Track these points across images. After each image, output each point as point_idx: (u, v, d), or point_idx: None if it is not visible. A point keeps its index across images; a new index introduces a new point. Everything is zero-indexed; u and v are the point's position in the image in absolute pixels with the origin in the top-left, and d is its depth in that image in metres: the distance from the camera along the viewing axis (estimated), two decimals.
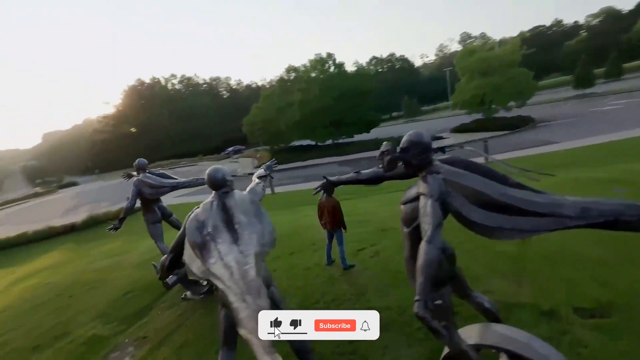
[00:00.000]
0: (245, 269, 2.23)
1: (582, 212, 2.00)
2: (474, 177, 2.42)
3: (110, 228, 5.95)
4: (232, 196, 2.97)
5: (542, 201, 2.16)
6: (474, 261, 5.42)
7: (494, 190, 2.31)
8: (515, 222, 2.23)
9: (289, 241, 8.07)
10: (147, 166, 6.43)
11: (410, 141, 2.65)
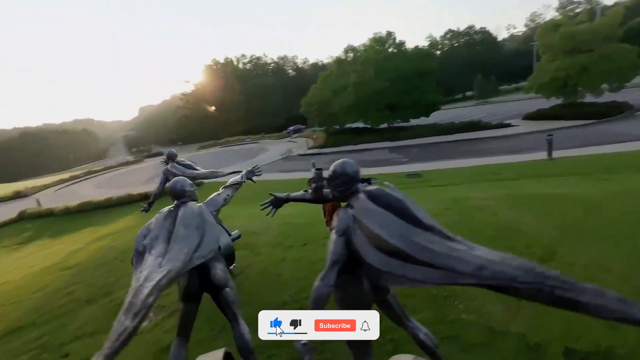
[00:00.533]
0: (142, 286, 2.24)
1: (476, 270, 1.74)
2: (382, 216, 2.28)
3: (141, 209, 6.93)
4: (185, 207, 3.23)
5: (440, 251, 1.95)
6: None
7: (393, 232, 2.16)
8: (407, 269, 2.09)
9: (305, 231, 8.42)
10: (176, 156, 7.21)
11: (334, 171, 2.65)
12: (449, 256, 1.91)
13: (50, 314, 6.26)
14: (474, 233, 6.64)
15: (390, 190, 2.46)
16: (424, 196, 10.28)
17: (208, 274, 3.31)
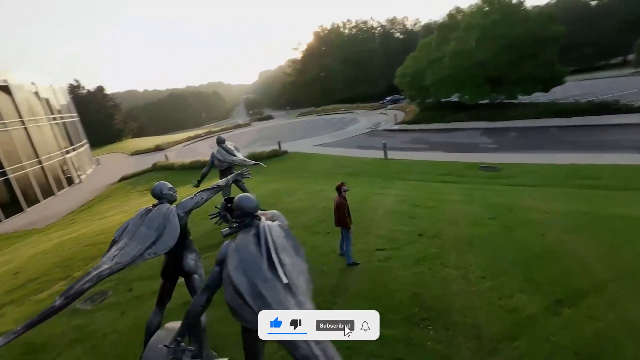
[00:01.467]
0: (88, 273, 3.01)
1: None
2: (245, 256, 2.57)
3: (193, 184, 8.39)
4: (157, 208, 3.88)
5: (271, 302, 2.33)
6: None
7: (242, 274, 2.48)
8: (244, 309, 2.41)
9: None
10: (224, 142, 8.36)
11: (234, 203, 3.02)
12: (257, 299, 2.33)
13: None
14: (498, 254, 6.06)
15: (271, 229, 2.76)
16: (476, 198, 9.36)
17: (181, 261, 4.04)
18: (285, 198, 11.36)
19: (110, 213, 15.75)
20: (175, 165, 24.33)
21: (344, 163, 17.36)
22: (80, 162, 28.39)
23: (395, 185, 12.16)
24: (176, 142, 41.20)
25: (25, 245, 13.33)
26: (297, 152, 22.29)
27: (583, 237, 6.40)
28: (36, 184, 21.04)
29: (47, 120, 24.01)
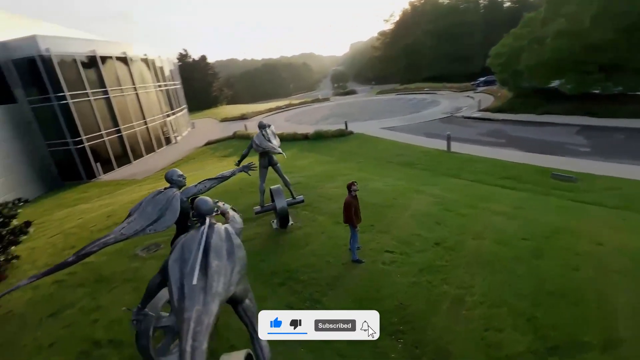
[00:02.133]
0: (97, 239, 3.76)
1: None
2: (183, 250, 3.13)
3: (235, 164, 9.25)
4: (166, 191, 4.55)
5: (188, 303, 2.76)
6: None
7: (177, 271, 3.00)
8: (169, 292, 2.96)
9: (370, 212, 8.72)
10: (265, 127, 8.94)
11: (194, 204, 3.61)
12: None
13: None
14: (510, 282, 5.58)
15: (213, 232, 3.24)
16: (523, 212, 8.36)
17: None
18: (327, 183, 11.70)
19: (189, 174, 18.25)
20: (250, 135, 26.45)
21: (402, 151, 16.74)
22: (178, 124, 32.93)
23: (441, 182, 11.46)
24: (259, 112, 44.25)
25: (124, 192, 16.53)
26: (362, 134, 22.11)
27: (629, 283, 5.38)
28: (141, 141, 25.38)
29: (154, 87, 28.26)
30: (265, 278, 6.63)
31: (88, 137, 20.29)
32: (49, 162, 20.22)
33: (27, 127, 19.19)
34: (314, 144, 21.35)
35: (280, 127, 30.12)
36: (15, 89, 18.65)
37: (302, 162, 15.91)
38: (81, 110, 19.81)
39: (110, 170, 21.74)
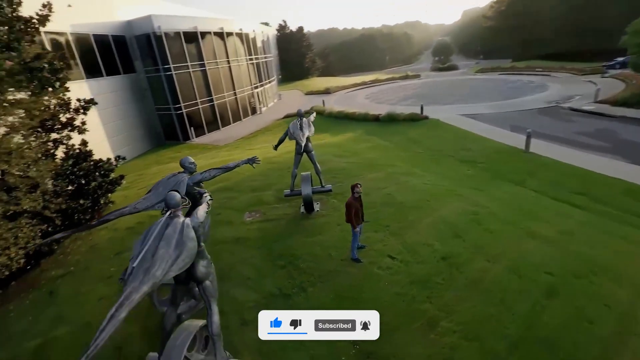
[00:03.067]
0: (126, 208, 5.24)
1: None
2: (147, 233, 3.82)
3: (273, 147, 9.87)
4: (177, 175, 5.52)
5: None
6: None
7: (137, 243, 3.77)
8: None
9: (393, 211, 8.63)
10: (301, 117, 9.29)
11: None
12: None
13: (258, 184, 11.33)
14: (501, 318, 5.20)
15: (168, 224, 3.92)
16: (570, 239, 7.14)
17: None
18: (369, 172, 11.63)
19: (257, 146, 19.94)
20: (325, 112, 27.01)
21: (470, 145, 15.18)
22: (265, 96, 35.40)
23: (493, 189, 10.28)
24: (343, 87, 44.21)
25: (204, 157, 19.08)
26: (436, 121, 20.58)
27: None
28: (230, 110, 28.31)
29: (246, 60, 30.68)
30: (271, 258, 7.33)
31: (186, 104, 23.63)
32: (157, 124, 24.39)
33: (142, 93, 23.33)
34: (382, 127, 20.80)
35: (358, 105, 29.87)
36: (135, 61, 22.67)
37: (358, 147, 15.87)
38: (181, 81, 23.04)
39: (201, 134, 25.10)
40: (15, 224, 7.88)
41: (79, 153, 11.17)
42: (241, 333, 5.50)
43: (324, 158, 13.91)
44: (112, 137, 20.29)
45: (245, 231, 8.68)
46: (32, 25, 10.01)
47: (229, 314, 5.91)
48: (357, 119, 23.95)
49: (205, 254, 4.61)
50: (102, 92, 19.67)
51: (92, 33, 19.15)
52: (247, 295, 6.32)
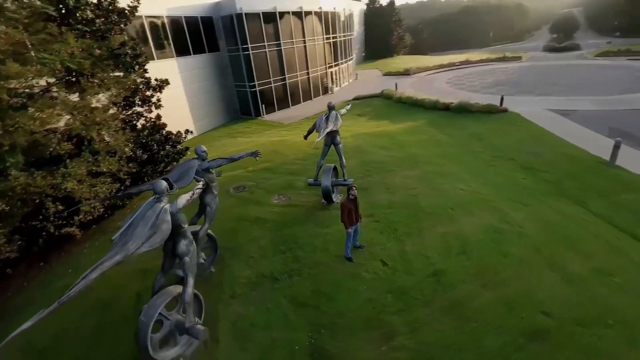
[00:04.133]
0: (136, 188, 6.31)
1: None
2: (136, 213, 4.71)
3: (304, 136, 10.18)
4: (191, 161, 6.35)
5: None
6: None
7: (128, 218, 4.63)
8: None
9: (409, 214, 8.45)
10: (331, 109, 9.37)
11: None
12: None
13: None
14: None
15: (150, 207, 4.74)
16: (598, 291, 5.96)
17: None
18: (405, 169, 11.26)
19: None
20: (394, 96, 25.93)
21: (542, 149, 13.18)
22: (339, 75, 35.35)
23: (543, 205, 9.00)
24: (426, 68, 41.23)
25: (266, 134, 20.49)
26: (515, 115, 18.24)
27: None
28: (301, 90, 29.25)
29: (323, 40, 30.85)
30: (277, 242, 7.95)
31: (260, 82, 25.25)
32: (235, 99, 26.73)
33: (224, 70, 25.66)
34: (449, 118, 19.29)
35: (434, 90, 27.82)
36: (219, 40, 24.88)
37: (410, 139, 15.19)
38: (257, 60, 24.56)
39: (271, 111, 26.69)
40: (97, 180, 10.00)
41: (154, 125, 13.26)
42: (227, 305, 6.30)
43: (366, 148, 13.79)
44: (195, 110, 23.09)
45: (267, 213, 9.44)
46: (124, 15, 11.97)
47: (225, 286, 6.78)
48: (426, 106, 22.52)
49: (187, 234, 5.33)
50: (188, 69, 22.34)
51: (183, 15, 21.61)
52: (244, 272, 7.08)
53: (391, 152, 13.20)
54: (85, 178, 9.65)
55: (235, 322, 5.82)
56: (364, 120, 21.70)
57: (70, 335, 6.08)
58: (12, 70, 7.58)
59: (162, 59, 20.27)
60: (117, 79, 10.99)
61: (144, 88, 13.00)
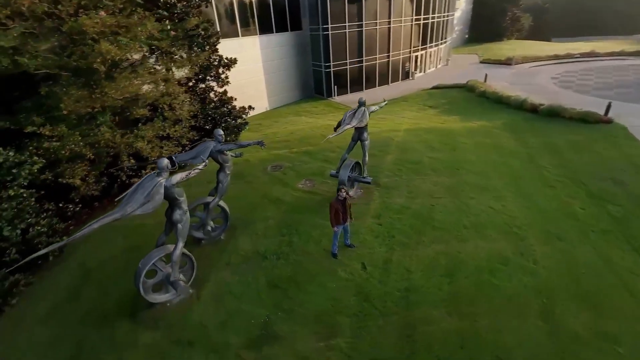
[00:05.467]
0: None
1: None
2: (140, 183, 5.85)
3: (334, 128, 10.31)
4: (208, 141, 7.37)
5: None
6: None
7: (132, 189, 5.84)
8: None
9: (416, 225, 8.33)
10: (360, 105, 9.32)
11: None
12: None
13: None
14: None
15: (150, 180, 5.81)
16: None
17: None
18: (433, 174, 10.59)
19: (369, 122, 19.96)
20: (478, 89, 23.43)
21: (630, 177, 10.78)
22: (425, 60, 33.00)
23: (585, 248, 7.66)
24: (535, 58, 35.47)
25: (326, 117, 20.89)
26: (621, 128, 15.09)
27: None
28: (378, 73, 28.45)
29: (411, 21, 29.01)
30: (282, 225, 8.65)
31: (335, 63, 25.39)
32: (310, 78, 27.50)
33: (304, 49, 26.42)
34: (531, 122, 16.91)
35: (532, 87, 24.19)
36: (303, 19, 25.51)
37: (468, 141, 13.94)
38: (336, 40, 24.59)
39: (343, 93, 26.79)
40: (163, 143, 11.97)
41: (220, 99, 14.89)
42: (219, 270, 7.30)
43: (412, 146, 13.22)
44: (270, 86, 24.65)
45: (288, 195, 10.15)
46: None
47: (225, 253, 7.79)
48: (511, 105, 19.95)
49: (182, 206, 6.34)
50: (270, 47, 23.74)
51: None
52: (245, 245, 7.99)
53: (437, 153, 12.45)
54: (154, 140, 11.67)
55: (218, 286, 6.79)
56: (432, 114, 20.39)
57: (109, 264, 7.86)
58: (104, 48, 9.43)
59: (246, 36, 21.95)
60: (189, 57, 12.63)
61: (217, 65, 14.61)
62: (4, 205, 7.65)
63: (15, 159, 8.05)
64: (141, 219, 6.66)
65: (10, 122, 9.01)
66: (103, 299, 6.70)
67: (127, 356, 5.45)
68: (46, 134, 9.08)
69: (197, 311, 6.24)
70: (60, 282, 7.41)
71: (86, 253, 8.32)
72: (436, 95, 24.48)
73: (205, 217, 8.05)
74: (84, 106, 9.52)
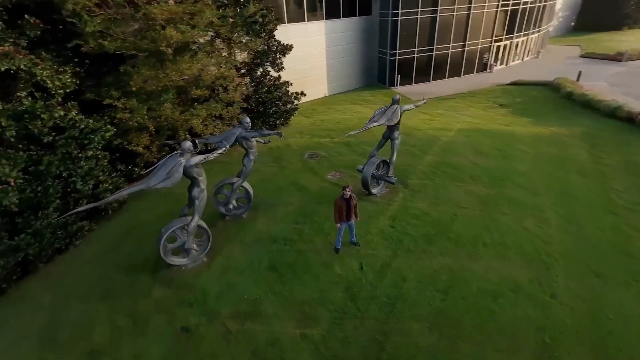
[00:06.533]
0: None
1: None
2: (162, 161, 6.68)
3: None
4: (234, 128, 7.96)
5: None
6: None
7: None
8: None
9: (428, 233, 8.07)
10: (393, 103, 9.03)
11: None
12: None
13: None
14: None
15: (173, 160, 6.63)
16: None
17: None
18: (468, 183, 9.82)
19: (436, 111, 18.82)
20: (563, 89, 20.38)
21: None
22: (509, 51, 29.44)
23: (629, 290, 6.57)
24: None
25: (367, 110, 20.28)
26: None
27: None
28: (449, 64, 26.41)
29: (497, 7, 25.98)
30: (298, 214, 9.02)
31: (401, 51, 24.24)
32: (374, 65, 26.76)
33: (371, 35, 25.67)
34: (622, 134, 14.38)
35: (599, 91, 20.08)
36: (373, 4, 24.65)
37: (529, 150, 12.50)
38: (405, 26, 23.34)
39: (407, 83, 25.58)
40: (215, 122, 13.14)
41: (274, 84, 15.58)
42: (234, 245, 8.03)
43: (458, 149, 12.36)
44: (331, 71, 24.68)
45: (314, 185, 10.48)
46: None
47: (242, 231, 8.50)
48: (601, 111, 17.05)
49: (200, 184, 7.11)
50: (335, 32, 23.63)
51: None
52: (262, 227, 8.60)
53: (483, 159, 11.48)
54: (207, 119, 12.88)
55: (227, 260, 7.52)
56: (500, 113, 18.51)
57: (148, 225, 9.14)
58: (169, 34, 10.58)
59: (312, 21, 22.16)
60: (247, 42, 13.42)
61: (275, 50, 15.25)
62: (82, 164, 9.37)
63: (93, 126, 9.66)
64: (183, 188, 7.49)
65: (95, 94, 10.76)
66: (135, 254, 7.94)
67: (140, 304, 6.50)
68: (119, 106, 10.66)
69: (204, 278, 7.05)
70: (110, 233, 8.94)
71: (135, 212, 9.82)
72: (512, 93, 21.98)
73: (230, 195, 8.84)
74: (150, 84, 10.90)
